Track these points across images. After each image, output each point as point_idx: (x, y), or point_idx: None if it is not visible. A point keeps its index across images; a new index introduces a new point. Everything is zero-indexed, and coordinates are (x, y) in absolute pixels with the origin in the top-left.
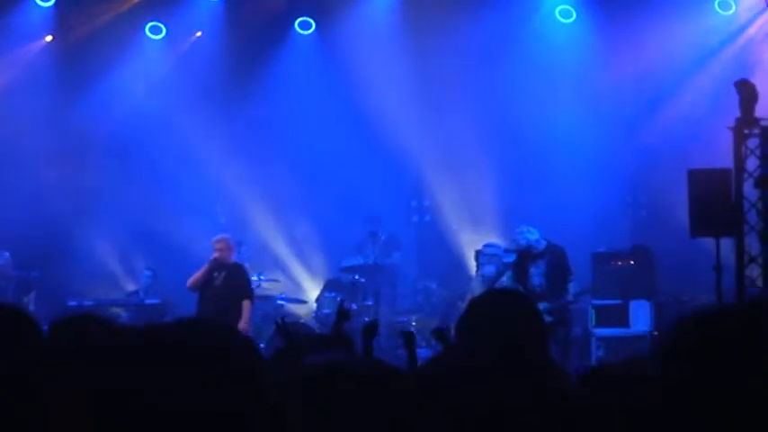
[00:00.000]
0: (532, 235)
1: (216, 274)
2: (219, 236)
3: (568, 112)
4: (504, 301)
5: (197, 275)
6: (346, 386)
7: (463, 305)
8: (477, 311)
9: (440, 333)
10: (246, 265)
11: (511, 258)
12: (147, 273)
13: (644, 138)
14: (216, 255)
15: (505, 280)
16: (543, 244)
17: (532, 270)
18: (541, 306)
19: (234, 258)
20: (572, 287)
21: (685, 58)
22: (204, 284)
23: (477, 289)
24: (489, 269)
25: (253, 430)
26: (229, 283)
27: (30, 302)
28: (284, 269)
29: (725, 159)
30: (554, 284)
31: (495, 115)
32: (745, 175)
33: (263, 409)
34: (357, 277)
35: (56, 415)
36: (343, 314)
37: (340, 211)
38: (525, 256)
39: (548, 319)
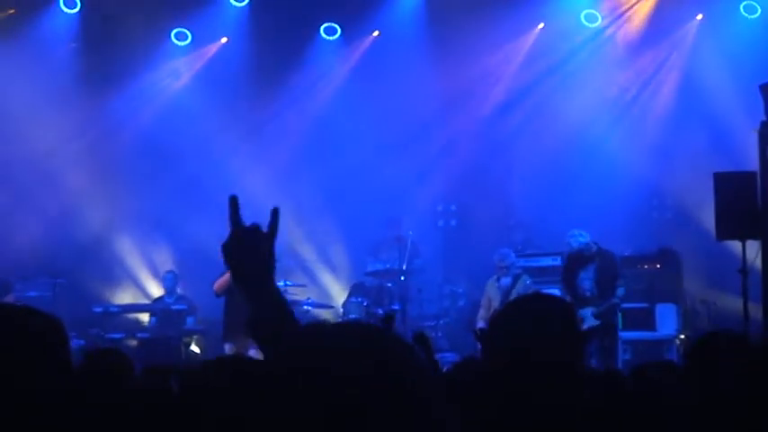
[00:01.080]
0: (583, 238)
1: None
2: None
3: (594, 116)
4: (541, 305)
5: (224, 280)
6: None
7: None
8: (513, 316)
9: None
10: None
11: (523, 262)
12: (169, 275)
13: (669, 140)
14: None
15: (522, 282)
16: (594, 248)
17: (582, 274)
18: (589, 310)
19: None
20: (620, 291)
21: (711, 61)
22: (231, 289)
23: (495, 299)
24: (506, 281)
25: None
26: None
27: None
28: (310, 274)
29: (751, 162)
30: (603, 289)
31: (521, 120)
32: None
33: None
34: (383, 282)
35: None
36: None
37: (366, 216)
38: (575, 260)
39: (595, 322)
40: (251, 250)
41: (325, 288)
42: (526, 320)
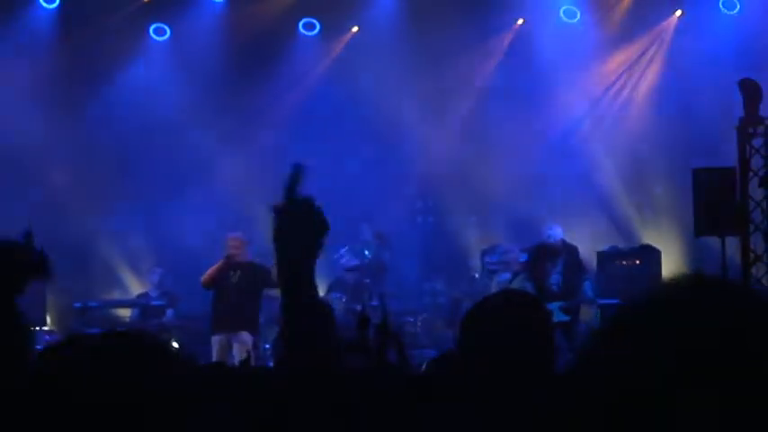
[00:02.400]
0: (560, 233)
1: (231, 272)
2: (233, 234)
3: (572, 112)
4: (513, 302)
5: (211, 272)
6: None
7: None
8: (486, 312)
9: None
10: None
11: (524, 258)
12: (158, 270)
13: (648, 136)
14: (230, 251)
15: (520, 279)
16: (560, 243)
17: (550, 268)
18: (558, 304)
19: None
20: (587, 286)
21: (690, 57)
22: (219, 282)
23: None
24: (504, 276)
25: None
26: (246, 282)
27: None
28: None
29: (730, 158)
30: (570, 283)
31: (500, 114)
32: (750, 174)
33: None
34: (362, 278)
35: None
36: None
37: (344, 211)
38: (544, 253)
39: (565, 317)
40: (303, 220)
41: None
42: (496, 318)
